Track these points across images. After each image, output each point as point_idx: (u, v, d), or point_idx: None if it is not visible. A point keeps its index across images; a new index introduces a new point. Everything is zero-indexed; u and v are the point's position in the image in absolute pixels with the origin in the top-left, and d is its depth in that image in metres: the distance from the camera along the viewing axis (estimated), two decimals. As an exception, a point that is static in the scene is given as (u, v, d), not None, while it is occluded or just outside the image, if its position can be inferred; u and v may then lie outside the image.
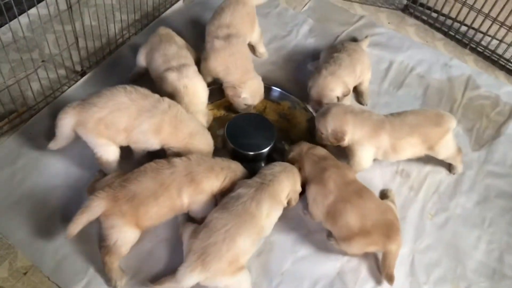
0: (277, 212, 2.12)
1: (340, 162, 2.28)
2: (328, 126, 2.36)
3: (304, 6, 3.41)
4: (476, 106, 2.97)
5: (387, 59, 3.14)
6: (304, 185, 2.27)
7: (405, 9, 3.51)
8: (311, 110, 2.71)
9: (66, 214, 2.15)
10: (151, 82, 2.54)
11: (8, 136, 2.44)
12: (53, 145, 2.31)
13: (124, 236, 2.02)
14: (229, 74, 2.58)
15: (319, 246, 2.29)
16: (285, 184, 2.15)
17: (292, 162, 2.28)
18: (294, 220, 2.35)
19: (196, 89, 2.43)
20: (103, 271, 2.05)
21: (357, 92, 2.89)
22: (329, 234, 2.25)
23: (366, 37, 3.12)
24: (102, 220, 2.01)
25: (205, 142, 2.31)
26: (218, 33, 2.63)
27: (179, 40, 2.67)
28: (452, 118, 2.47)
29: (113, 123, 2.16)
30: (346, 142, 2.36)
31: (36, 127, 2.48)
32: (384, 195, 2.48)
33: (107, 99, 2.16)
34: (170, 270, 2.00)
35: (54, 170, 2.36)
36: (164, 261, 2.15)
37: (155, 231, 2.20)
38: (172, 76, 2.41)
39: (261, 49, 3.01)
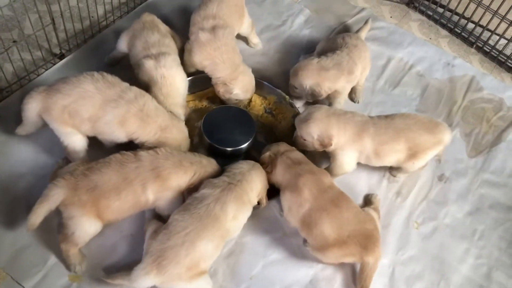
0: (245, 214, 2.00)
1: (315, 167, 2.12)
2: (312, 132, 2.19)
3: (302, -5, 3.24)
4: (477, 109, 2.79)
5: (385, 55, 2.97)
6: (274, 187, 2.14)
7: (409, 3, 3.32)
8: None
9: (29, 203, 2.00)
10: (130, 68, 2.42)
11: (-24, 118, 2.35)
12: (21, 130, 2.21)
13: (83, 228, 1.91)
14: (217, 70, 2.44)
15: (293, 250, 2.16)
16: (255, 182, 2.02)
17: (263, 162, 2.15)
18: (269, 220, 2.23)
19: (173, 80, 2.30)
20: (64, 260, 1.98)
21: (351, 89, 2.72)
22: (306, 240, 2.11)
23: (365, 22, 2.89)
24: (61, 210, 1.91)
25: (178, 136, 2.18)
26: (204, 24, 2.48)
27: (164, 28, 2.53)
28: (448, 129, 2.31)
29: (77, 111, 2.05)
30: (333, 146, 2.21)
31: (8, 110, 2.38)
32: (368, 200, 2.34)
33: (72, 86, 2.05)
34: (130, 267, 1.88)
35: (21, 156, 2.26)
36: (126, 257, 2.04)
37: (120, 225, 2.10)
38: (149, 64, 2.29)
39: (255, 39, 2.87)
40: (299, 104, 2.60)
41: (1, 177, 2.19)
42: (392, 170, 2.44)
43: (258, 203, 2.08)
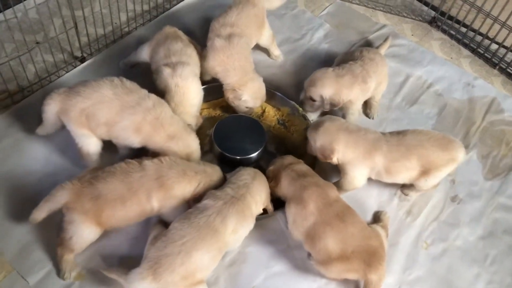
0: (246, 228, 1.98)
1: (321, 180, 2.10)
2: (317, 140, 2.19)
3: (323, 10, 3.25)
4: (496, 131, 2.73)
5: (404, 73, 2.94)
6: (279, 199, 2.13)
7: (432, 22, 3.29)
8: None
9: (39, 200, 2.06)
10: (148, 75, 2.47)
11: (-3, 115, 2.43)
12: (41, 130, 2.28)
13: (81, 234, 1.94)
14: (228, 76, 2.47)
15: (296, 263, 2.13)
16: (259, 195, 2.01)
17: (268, 176, 2.14)
18: (274, 232, 2.21)
19: (187, 90, 2.33)
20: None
21: (366, 104, 2.71)
22: (310, 254, 2.08)
23: (386, 39, 2.89)
24: (64, 212, 1.95)
25: (184, 147, 2.17)
26: (221, 31, 2.52)
27: (186, 38, 2.58)
28: (461, 147, 2.26)
29: (94, 115, 2.09)
30: (334, 160, 2.19)
31: (28, 109, 2.45)
32: (377, 218, 2.30)
33: (92, 90, 2.09)
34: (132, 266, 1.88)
35: (36, 155, 2.31)
36: (129, 260, 2.03)
37: (125, 228, 2.12)
38: (166, 72, 2.33)
39: (276, 51, 2.89)
40: (313, 117, 2.59)
41: (14, 173, 2.24)
42: (404, 188, 2.40)
43: (265, 211, 2.07)
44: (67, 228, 1.94)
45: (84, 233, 1.94)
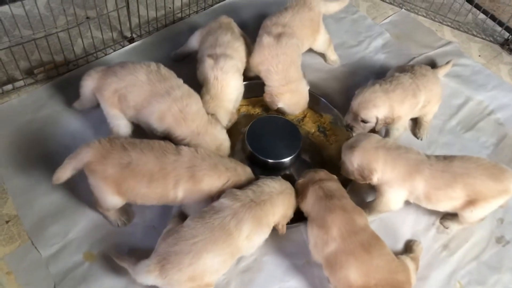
0: (261, 236, 1.86)
1: (350, 204, 1.92)
2: (354, 161, 2.03)
3: (385, 19, 3.07)
4: (560, 172, 2.45)
5: (464, 95, 2.71)
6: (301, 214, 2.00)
7: (504, 44, 3.03)
8: (344, 123, 2.38)
9: None
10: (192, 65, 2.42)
11: (41, 85, 2.46)
12: (77, 104, 2.32)
13: (105, 199, 1.93)
14: (269, 79, 2.37)
15: (313, 281, 2.01)
16: (279, 208, 1.88)
17: (297, 189, 2.00)
18: (294, 244, 2.09)
19: (225, 85, 2.25)
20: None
21: (416, 123, 2.52)
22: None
23: (448, 62, 2.69)
24: (86, 172, 1.90)
25: (211, 141, 2.10)
26: (272, 29, 2.42)
27: (238, 31, 2.51)
28: None
29: (125, 97, 2.08)
30: (374, 180, 2.03)
31: (71, 83, 2.46)
32: (409, 247, 2.12)
33: (127, 72, 2.09)
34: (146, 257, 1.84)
35: (70, 129, 2.32)
36: (144, 248, 1.97)
37: (144, 215, 2.10)
38: (208, 63, 2.27)
39: (333, 56, 2.77)
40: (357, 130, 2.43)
41: (47, 145, 2.26)
42: (444, 220, 2.20)
43: (275, 228, 1.94)
44: (93, 191, 1.93)
45: (107, 199, 1.91)
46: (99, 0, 2.72)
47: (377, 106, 2.24)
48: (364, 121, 2.29)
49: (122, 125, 2.17)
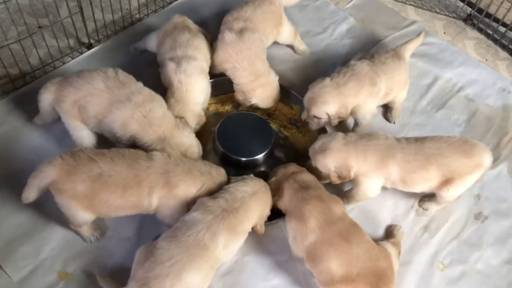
0: (238, 243, 1.81)
1: (325, 193, 1.90)
2: (329, 164, 1.98)
3: (348, 3, 3.04)
4: (532, 143, 2.47)
5: (432, 74, 2.71)
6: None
7: (467, 19, 3.03)
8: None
9: None
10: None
11: (-2, 100, 2.35)
12: (38, 120, 2.23)
13: (76, 217, 1.86)
14: (237, 76, 2.32)
15: (297, 277, 1.98)
16: (254, 212, 1.83)
17: (271, 189, 1.95)
18: (275, 241, 2.06)
19: (191, 88, 2.18)
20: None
21: (387, 107, 2.50)
22: (312, 272, 1.92)
23: (418, 35, 2.53)
24: (52, 192, 1.81)
25: (177, 146, 2.03)
26: (233, 24, 2.36)
27: (194, 28, 2.44)
28: (487, 151, 2.03)
29: (85, 107, 2.00)
30: (352, 176, 2.01)
31: (29, 97, 2.33)
32: (389, 232, 2.11)
33: (84, 81, 2.01)
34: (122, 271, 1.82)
35: (33, 144, 2.23)
36: (122, 261, 1.95)
37: (117, 227, 2.03)
38: (170, 66, 2.20)
39: (301, 46, 2.72)
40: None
41: (11, 162, 2.16)
42: (423, 202, 2.19)
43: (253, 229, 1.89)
44: (62, 209, 1.85)
45: (78, 215, 1.84)
46: (51, 7, 2.59)
47: (326, 102, 2.19)
48: (316, 117, 2.25)
49: (85, 136, 2.09)
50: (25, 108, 2.31)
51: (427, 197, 2.19)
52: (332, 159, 1.98)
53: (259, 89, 2.30)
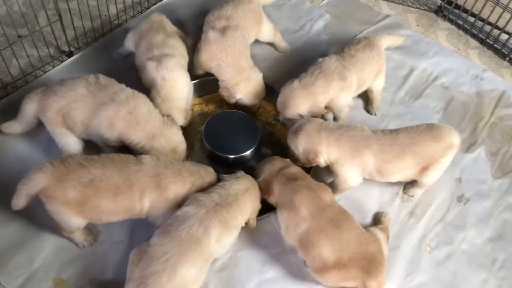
0: (231, 237, 1.85)
1: (314, 182, 1.96)
2: (299, 145, 2.06)
3: (323, 0, 3.10)
4: (506, 126, 2.57)
5: (408, 65, 2.79)
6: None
7: (438, 11, 3.13)
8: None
9: None
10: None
11: (-22, 112, 2.32)
12: (5, 128, 2.18)
13: (67, 223, 1.86)
14: (222, 73, 2.35)
15: (291, 269, 2.02)
16: (247, 207, 1.88)
17: (260, 187, 2.00)
18: (268, 235, 2.10)
19: (174, 83, 2.21)
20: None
21: (367, 99, 2.57)
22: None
23: (401, 36, 2.70)
24: (42, 199, 1.81)
25: (166, 143, 2.06)
26: (216, 23, 2.41)
27: (171, 28, 2.46)
28: (453, 131, 2.12)
29: (69, 114, 2.03)
30: (321, 162, 2.06)
31: (10, 107, 2.32)
32: (377, 219, 2.18)
33: (67, 88, 2.03)
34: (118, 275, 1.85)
35: (19, 155, 2.22)
36: (116, 266, 1.95)
37: (110, 231, 2.03)
38: (151, 66, 2.22)
39: (282, 43, 2.78)
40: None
41: (-3, 174, 2.15)
42: (407, 189, 2.26)
43: (246, 224, 1.94)
44: (53, 216, 1.85)
45: (70, 222, 1.85)
46: (29, 16, 2.59)
47: (296, 104, 2.25)
48: (288, 119, 2.30)
49: (72, 143, 2.11)
50: (8, 119, 2.26)
51: (409, 184, 2.26)
52: (302, 140, 2.05)
53: (243, 83, 2.34)
